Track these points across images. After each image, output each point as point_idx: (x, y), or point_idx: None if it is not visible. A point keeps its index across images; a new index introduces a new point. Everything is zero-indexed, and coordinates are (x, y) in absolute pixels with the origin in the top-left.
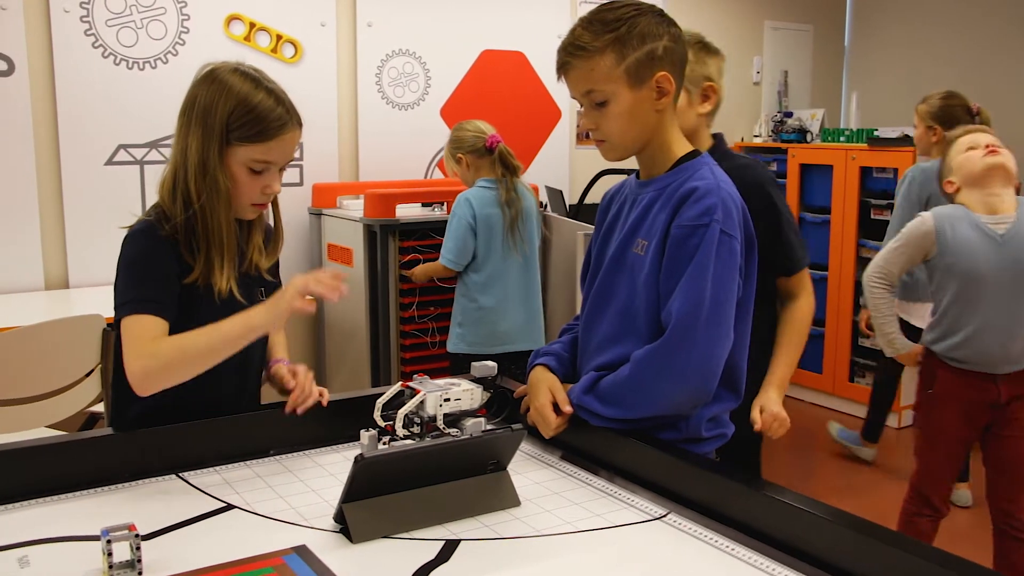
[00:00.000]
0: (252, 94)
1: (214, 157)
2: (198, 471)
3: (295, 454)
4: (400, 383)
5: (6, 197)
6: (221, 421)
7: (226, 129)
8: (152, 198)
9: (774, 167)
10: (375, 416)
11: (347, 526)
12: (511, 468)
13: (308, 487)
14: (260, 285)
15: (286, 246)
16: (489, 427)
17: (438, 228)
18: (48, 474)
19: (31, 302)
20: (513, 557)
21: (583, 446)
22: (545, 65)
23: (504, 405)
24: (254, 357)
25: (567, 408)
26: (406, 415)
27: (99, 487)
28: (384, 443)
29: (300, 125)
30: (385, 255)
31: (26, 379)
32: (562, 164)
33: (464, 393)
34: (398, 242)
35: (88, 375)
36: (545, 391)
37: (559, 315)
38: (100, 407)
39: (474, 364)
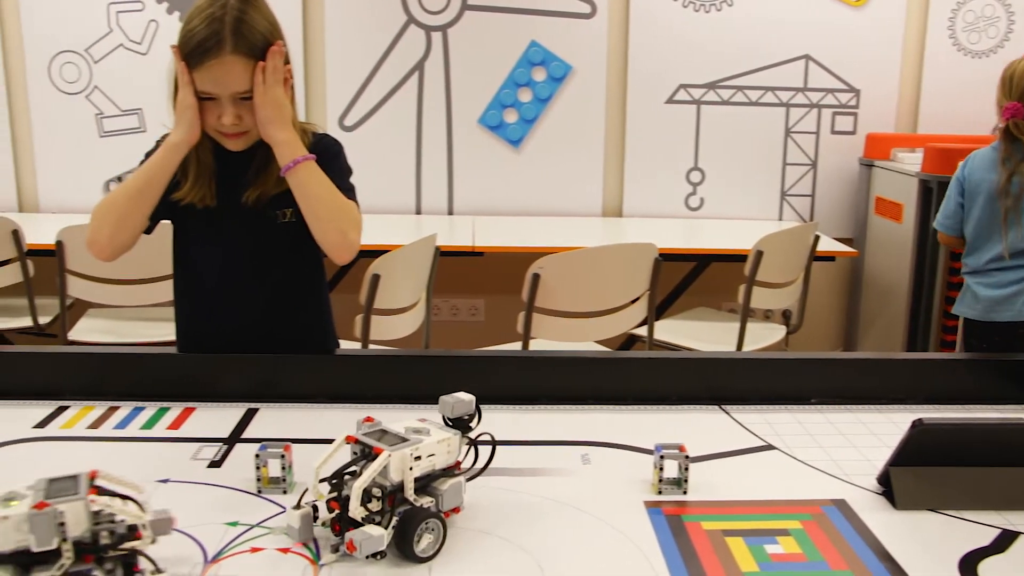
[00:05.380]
0: (192, 14)
1: (177, 76)
2: (741, 407)
3: (836, 406)
4: (345, 436)
5: (576, 128)
6: (763, 362)
7: (179, 49)
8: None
9: None
10: (314, 484)
11: (891, 490)
12: None
13: (849, 442)
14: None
15: (831, 195)
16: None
17: None
18: (605, 386)
19: (589, 226)
20: None
21: None
22: None
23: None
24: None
25: None
26: (366, 489)
27: (647, 404)
28: (324, 524)
29: (240, 54)
30: None
31: (581, 296)
32: None
33: (439, 446)
34: None
35: (635, 300)
36: None
37: None
38: (642, 330)
39: (443, 399)
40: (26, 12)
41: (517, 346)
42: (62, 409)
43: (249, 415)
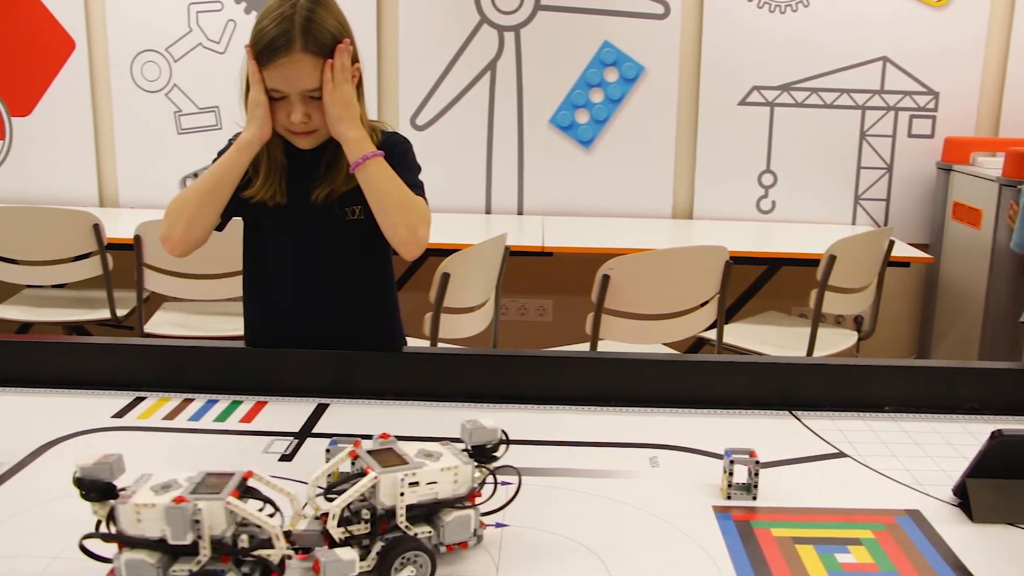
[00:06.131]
0: (264, 14)
1: (249, 75)
2: (812, 413)
3: (910, 414)
4: (350, 448)
5: (648, 129)
6: (835, 368)
7: (251, 48)
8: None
9: None
10: (310, 496)
11: (967, 501)
12: None
13: (924, 451)
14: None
15: (907, 200)
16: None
17: None
18: (674, 389)
19: (659, 228)
20: None
21: None
22: None
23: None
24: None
25: None
26: (348, 506)
27: (716, 408)
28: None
29: (309, 52)
30: None
31: (651, 298)
32: None
33: (444, 474)
34: None
35: (705, 303)
36: None
37: None
38: (711, 334)
39: (463, 424)
40: (111, 13)
41: (585, 347)
42: (139, 400)
43: (320, 410)
